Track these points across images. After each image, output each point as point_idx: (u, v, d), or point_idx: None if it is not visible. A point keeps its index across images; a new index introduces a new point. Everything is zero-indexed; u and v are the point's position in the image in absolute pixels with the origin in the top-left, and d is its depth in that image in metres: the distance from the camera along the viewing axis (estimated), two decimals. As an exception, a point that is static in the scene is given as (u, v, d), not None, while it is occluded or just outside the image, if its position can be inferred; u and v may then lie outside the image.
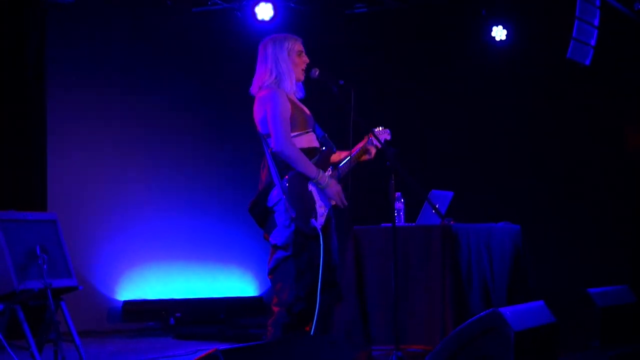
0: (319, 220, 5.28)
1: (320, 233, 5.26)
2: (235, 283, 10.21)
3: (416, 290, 6.64)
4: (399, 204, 6.93)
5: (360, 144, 5.63)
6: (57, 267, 6.31)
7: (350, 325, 6.66)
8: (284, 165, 5.28)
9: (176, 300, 9.80)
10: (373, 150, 5.65)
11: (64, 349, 6.04)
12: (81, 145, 9.46)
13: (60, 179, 9.20)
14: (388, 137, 5.83)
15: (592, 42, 8.91)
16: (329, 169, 5.45)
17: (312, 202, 5.29)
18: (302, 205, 5.25)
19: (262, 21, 9.31)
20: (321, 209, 5.31)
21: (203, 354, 3.73)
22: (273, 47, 5.48)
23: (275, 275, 5.34)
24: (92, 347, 7.88)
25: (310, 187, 5.30)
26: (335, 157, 5.59)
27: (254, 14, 9.32)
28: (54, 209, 8.28)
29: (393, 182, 5.64)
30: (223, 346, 3.75)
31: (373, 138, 5.63)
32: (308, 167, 5.29)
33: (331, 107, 5.74)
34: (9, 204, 6.74)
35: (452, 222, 6.74)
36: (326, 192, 5.33)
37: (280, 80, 5.41)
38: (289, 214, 5.20)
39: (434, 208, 6.60)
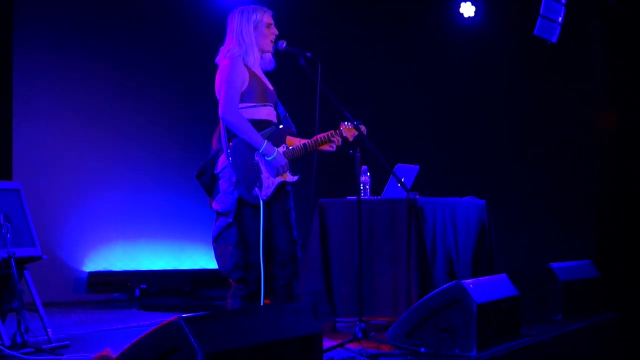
0: (264, 191, 5.30)
1: (262, 204, 5.28)
2: (201, 256, 10.21)
3: (381, 263, 6.67)
4: (365, 178, 6.95)
5: (323, 135, 5.60)
6: (21, 237, 6.26)
7: (316, 297, 6.68)
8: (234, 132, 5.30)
9: (141, 272, 9.78)
10: (337, 143, 5.64)
11: (28, 319, 6.00)
12: (48, 116, 9.40)
13: (26, 150, 9.14)
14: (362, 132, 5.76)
15: (559, 20, 8.96)
16: (283, 145, 5.46)
17: (258, 172, 5.31)
18: (246, 173, 5.28)
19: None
20: (268, 180, 5.33)
21: (165, 321, 3.73)
22: (240, 18, 5.50)
23: (217, 243, 5.38)
24: (57, 317, 7.85)
25: (257, 158, 5.32)
26: (294, 140, 5.59)
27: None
28: (20, 179, 8.22)
29: (359, 155, 5.66)
30: (186, 315, 3.76)
31: (343, 129, 5.62)
32: (253, 136, 5.31)
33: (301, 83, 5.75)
34: (-27, 173, 6.70)
35: (417, 196, 6.77)
36: (272, 164, 5.34)
37: (245, 52, 5.44)
38: (232, 179, 5.23)
39: (400, 182, 6.62)
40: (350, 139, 5.64)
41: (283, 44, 5.53)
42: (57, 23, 9.49)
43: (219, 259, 5.36)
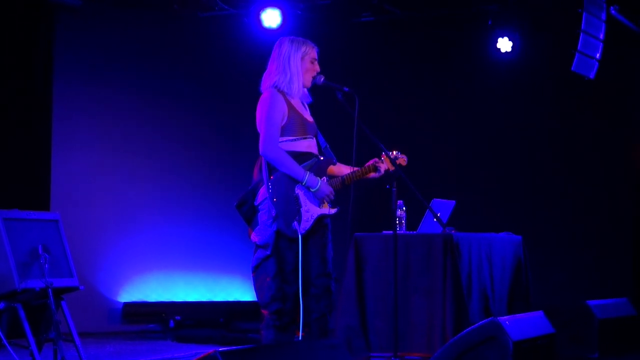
0: (303, 225, 5.30)
1: (301, 237, 5.28)
2: (236, 288, 10.22)
3: (416, 298, 6.65)
4: (401, 212, 6.94)
5: (368, 163, 5.59)
6: (59, 267, 6.31)
7: (350, 332, 6.67)
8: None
9: (176, 303, 9.82)
10: (383, 169, 5.61)
11: (64, 349, 6.04)
12: (86, 147, 9.49)
13: (64, 180, 9.24)
14: (403, 163, 5.76)
15: (597, 56, 8.91)
16: (325, 177, 5.45)
17: (297, 205, 5.31)
18: (286, 206, 5.28)
19: (269, 27, 9.31)
20: (307, 214, 5.32)
21: (202, 355, 3.74)
22: (290, 47, 5.50)
23: (256, 274, 5.39)
24: (92, 347, 7.89)
25: (297, 191, 5.32)
26: (335, 170, 5.58)
27: (261, 20, 9.32)
28: (58, 209, 8.30)
29: (395, 189, 5.66)
30: (222, 349, 3.77)
31: (384, 159, 5.60)
32: (295, 169, 5.31)
33: (339, 116, 5.77)
34: (13, 203, 6.75)
35: (453, 231, 6.76)
36: (317, 194, 5.35)
37: (290, 80, 5.44)
38: (271, 213, 5.25)
39: (436, 216, 6.62)
40: (390, 169, 5.62)
41: (321, 78, 5.55)
42: (97, 55, 9.61)
43: (257, 290, 5.38)
